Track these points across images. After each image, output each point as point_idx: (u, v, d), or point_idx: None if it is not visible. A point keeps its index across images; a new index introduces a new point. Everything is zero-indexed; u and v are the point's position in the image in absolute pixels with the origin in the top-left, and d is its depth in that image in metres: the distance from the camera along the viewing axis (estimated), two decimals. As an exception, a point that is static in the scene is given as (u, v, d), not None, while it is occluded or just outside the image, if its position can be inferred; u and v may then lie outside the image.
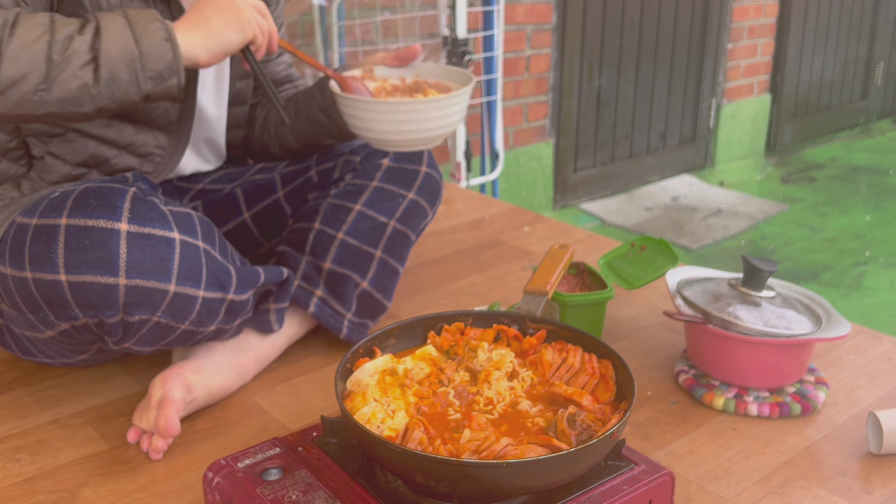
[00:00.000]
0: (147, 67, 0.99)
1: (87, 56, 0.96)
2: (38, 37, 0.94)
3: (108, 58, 0.97)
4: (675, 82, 3.78)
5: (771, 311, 1.14)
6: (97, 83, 0.97)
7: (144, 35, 0.98)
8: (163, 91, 1.01)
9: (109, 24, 0.97)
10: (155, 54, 0.99)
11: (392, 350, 1.02)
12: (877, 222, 3.35)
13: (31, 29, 0.94)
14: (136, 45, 0.97)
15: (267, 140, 1.41)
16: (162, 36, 0.99)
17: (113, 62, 0.97)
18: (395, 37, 2.63)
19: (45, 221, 0.98)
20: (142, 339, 1.05)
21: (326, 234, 1.29)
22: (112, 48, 0.96)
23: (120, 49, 0.97)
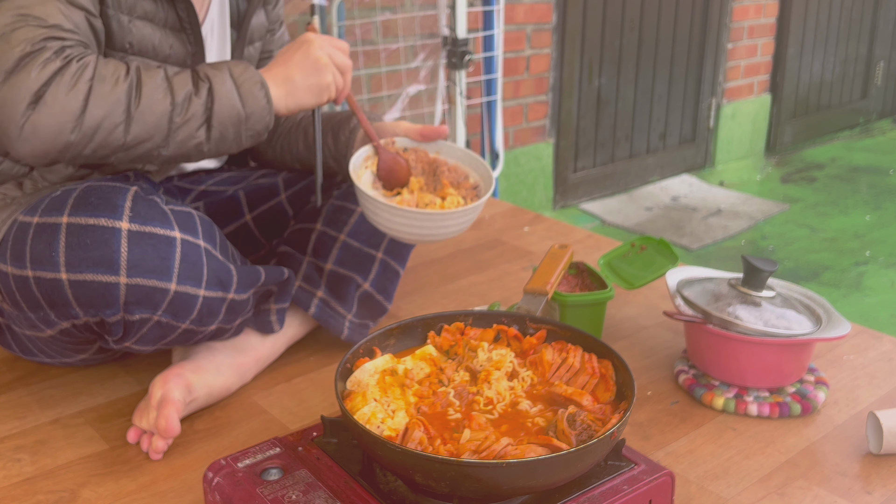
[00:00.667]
0: (250, 128, 1.08)
1: (202, 118, 1.04)
2: (162, 98, 1.01)
3: (220, 119, 1.05)
4: (675, 82, 3.78)
5: (771, 311, 1.14)
6: (209, 141, 1.06)
7: (250, 99, 1.06)
8: (254, 142, 1.11)
9: (220, 85, 1.04)
10: (258, 116, 1.07)
11: (392, 350, 1.02)
12: (877, 222, 3.35)
13: (155, 91, 1.01)
14: (242, 108, 1.06)
15: (271, 157, 1.44)
16: (264, 100, 1.07)
17: (224, 123, 1.05)
18: (395, 37, 2.63)
19: (47, 220, 0.98)
20: (142, 338, 1.05)
21: (328, 235, 1.29)
22: (223, 111, 1.05)
23: (230, 112, 1.05)
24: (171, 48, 1.14)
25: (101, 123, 0.97)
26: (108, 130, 0.98)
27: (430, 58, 2.69)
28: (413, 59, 2.68)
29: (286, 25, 1.46)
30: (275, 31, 1.37)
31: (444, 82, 2.53)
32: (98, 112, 0.97)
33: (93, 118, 0.97)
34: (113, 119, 0.98)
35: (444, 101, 2.57)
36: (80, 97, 0.96)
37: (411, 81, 2.66)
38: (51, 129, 0.95)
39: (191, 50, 1.16)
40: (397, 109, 2.62)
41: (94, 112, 0.97)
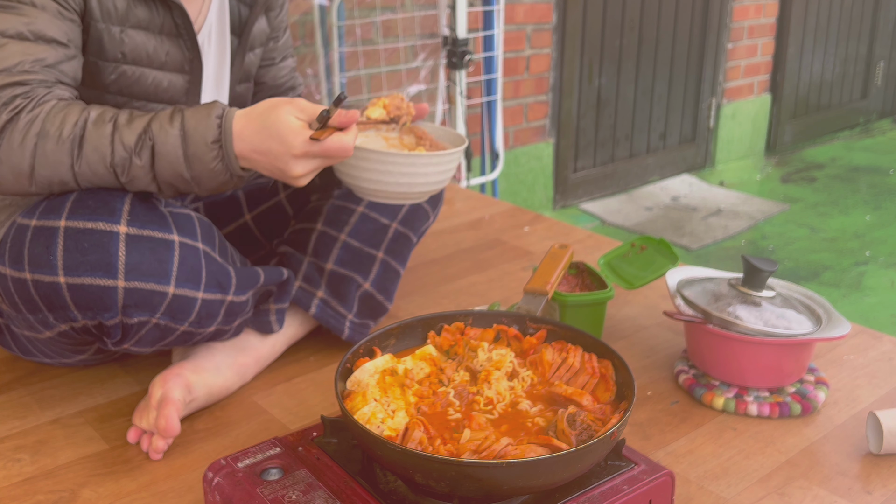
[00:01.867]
0: (201, 186, 1.03)
1: (147, 177, 1.01)
2: (101, 159, 0.98)
3: (164, 180, 1.01)
4: (675, 82, 3.78)
5: (771, 311, 1.14)
6: (162, 192, 1.04)
7: (195, 161, 1.00)
8: (224, 193, 1.08)
9: (163, 145, 0.99)
10: (206, 177, 1.02)
11: (392, 350, 1.02)
12: (877, 222, 3.35)
13: (95, 151, 0.98)
14: (187, 170, 1.00)
15: None
16: (214, 161, 1.00)
17: (169, 183, 1.02)
18: (395, 37, 2.63)
19: (45, 223, 0.98)
20: (141, 340, 1.05)
21: (328, 235, 1.29)
22: (166, 172, 1.00)
23: (172, 174, 1.01)
24: (168, 55, 1.13)
25: (52, 180, 0.99)
26: (61, 186, 1.00)
27: (430, 58, 2.69)
28: (413, 59, 2.68)
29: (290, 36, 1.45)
30: (278, 39, 1.35)
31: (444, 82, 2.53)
32: (45, 172, 0.98)
33: (42, 177, 0.98)
34: (60, 177, 0.99)
35: (444, 101, 2.57)
36: (27, 155, 0.97)
37: (411, 81, 2.66)
38: (11, 183, 0.98)
39: (188, 56, 1.16)
40: (397, 109, 2.61)
41: (41, 172, 0.98)
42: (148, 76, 1.13)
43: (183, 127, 1.00)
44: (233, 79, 1.28)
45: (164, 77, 1.14)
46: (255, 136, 1.00)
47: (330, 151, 1.01)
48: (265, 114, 1.01)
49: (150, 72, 1.13)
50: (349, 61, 2.51)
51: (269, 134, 0.99)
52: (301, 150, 1.00)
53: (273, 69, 1.38)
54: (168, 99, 1.15)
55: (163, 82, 1.14)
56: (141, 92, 1.13)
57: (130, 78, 1.11)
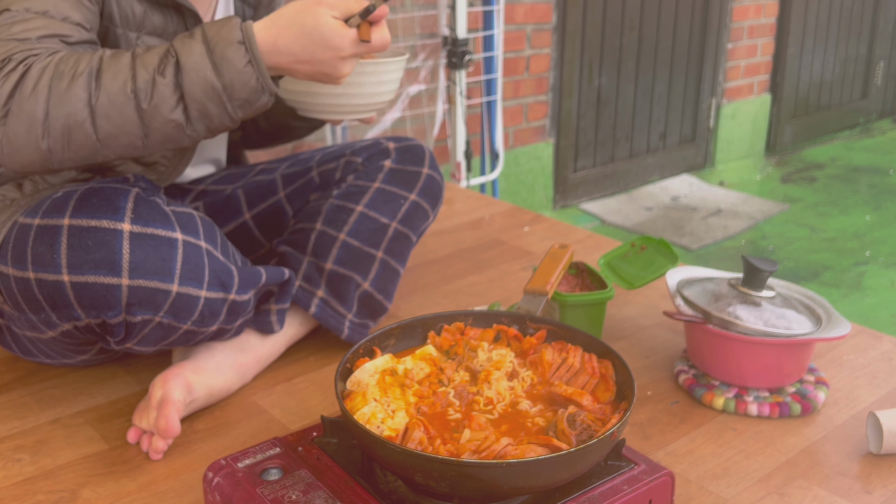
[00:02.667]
0: (234, 98, 0.97)
1: (173, 99, 0.95)
2: (122, 86, 0.93)
3: (194, 96, 0.95)
4: (675, 82, 3.78)
5: (771, 311, 1.14)
6: (189, 122, 0.97)
7: (224, 65, 0.95)
8: (256, 111, 1.00)
9: (189, 56, 0.94)
10: (238, 83, 0.96)
11: (392, 350, 1.02)
12: (877, 222, 3.35)
13: (115, 78, 0.93)
14: (217, 77, 0.95)
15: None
16: (242, 61, 0.95)
17: (199, 100, 0.95)
18: (395, 37, 2.63)
19: (48, 222, 0.98)
20: (144, 339, 1.05)
21: (328, 235, 1.29)
22: (195, 86, 0.95)
23: (202, 85, 0.95)
24: None
25: (67, 123, 0.93)
26: (76, 129, 0.93)
27: (430, 58, 2.69)
28: (413, 59, 2.68)
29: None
30: None
31: (444, 82, 2.53)
32: (59, 112, 0.92)
33: (56, 120, 0.92)
34: (76, 117, 0.92)
35: (444, 101, 2.57)
36: (42, 101, 0.92)
37: (411, 81, 2.66)
38: (24, 139, 0.93)
39: None
40: (398, 109, 2.62)
41: (55, 114, 0.92)
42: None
43: (205, 36, 0.95)
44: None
45: None
46: (294, 46, 0.97)
47: (376, 48, 0.99)
48: (297, 19, 0.96)
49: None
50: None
51: (311, 40, 0.96)
52: (350, 51, 0.97)
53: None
54: None
55: None
56: None
57: None
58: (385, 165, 1.34)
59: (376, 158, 1.35)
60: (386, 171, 1.33)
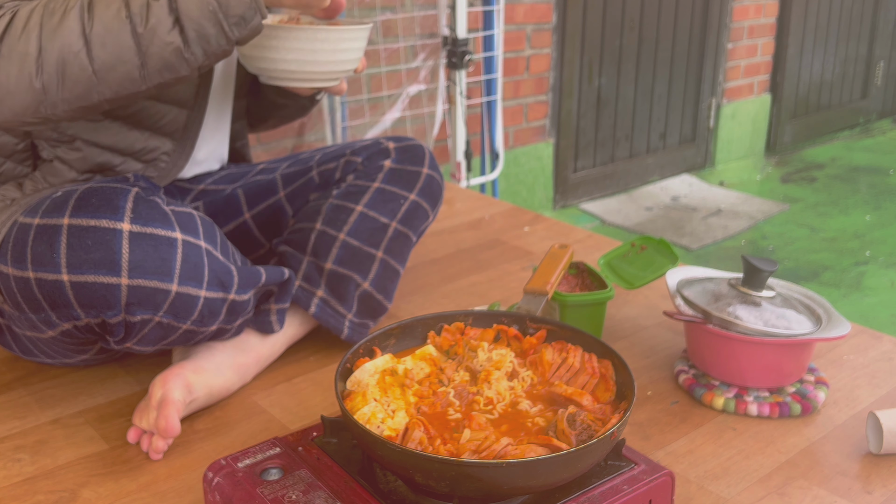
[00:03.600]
0: (229, 14, 0.95)
1: (169, 20, 0.93)
2: (116, 13, 0.92)
3: (190, 17, 0.93)
4: (675, 82, 3.78)
5: (771, 311, 1.14)
6: (188, 45, 0.95)
7: None
8: (251, 31, 0.98)
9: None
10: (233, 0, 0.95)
11: (392, 350, 1.02)
12: (877, 222, 3.35)
13: (109, 6, 0.92)
14: None
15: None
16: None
17: (195, 20, 0.94)
18: (395, 37, 2.63)
19: (48, 221, 0.98)
20: (143, 338, 1.05)
21: (328, 235, 1.29)
22: (190, 5, 0.93)
23: (197, 4, 0.93)
24: None
25: (61, 56, 0.91)
26: (71, 62, 0.92)
27: (430, 58, 2.69)
28: (413, 59, 2.68)
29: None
30: None
31: (444, 82, 2.53)
32: (52, 46, 0.91)
33: (50, 54, 0.91)
34: (71, 48, 0.91)
35: (444, 101, 2.57)
36: (33, 37, 0.91)
37: (411, 81, 2.66)
38: (17, 79, 0.92)
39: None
40: (398, 109, 2.62)
41: (48, 47, 0.91)
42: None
43: None
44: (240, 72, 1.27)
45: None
46: None
47: None
48: None
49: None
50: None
51: None
52: None
53: None
54: (176, 101, 1.16)
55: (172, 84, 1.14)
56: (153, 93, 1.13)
57: None
58: (385, 165, 1.34)
59: (376, 158, 1.35)
60: (386, 170, 1.33)
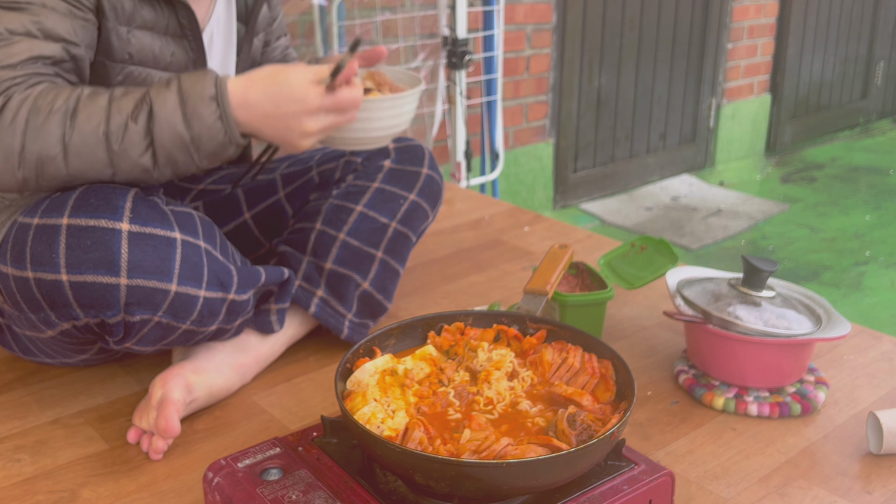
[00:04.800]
0: (201, 149, 1.01)
1: (143, 144, 0.98)
2: (95, 127, 0.97)
3: (163, 144, 0.99)
4: (675, 82, 3.78)
5: (771, 311, 1.14)
6: (157, 166, 1.01)
7: (195, 119, 0.98)
8: (222, 161, 1.04)
9: (162, 106, 0.98)
10: (206, 137, 1.00)
11: (392, 350, 1.02)
12: (877, 222, 3.35)
13: (90, 119, 0.97)
14: (186, 129, 0.99)
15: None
16: (213, 117, 0.99)
17: (167, 148, 0.99)
18: (395, 37, 2.63)
19: (47, 221, 0.98)
20: (143, 338, 1.05)
21: (328, 235, 1.29)
22: (164, 135, 0.98)
23: (171, 135, 0.98)
24: (173, 55, 1.14)
25: (40, 156, 0.96)
26: (48, 163, 0.97)
27: (430, 58, 2.69)
28: (413, 59, 2.68)
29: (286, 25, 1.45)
30: (275, 19, 1.37)
31: (444, 82, 2.53)
32: (34, 147, 0.96)
33: (31, 153, 0.96)
34: (49, 152, 0.96)
35: (444, 101, 2.57)
36: (18, 133, 0.95)
37: (411, 81, 2.66)
38: (2, 168, 0.97)
39: (192, 56, 1.16)
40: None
41: (30, 147, 0.96)
42: (154, 77, 1.13)
43: (180, 88, 0.99)
44: (240, 67, 1.27)
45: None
46: (263, 98, 1.00)
47: (342, 103, 1.02)
48: (271, 77, 1.00)
49: (156, 73, 1.13)
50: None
51: (279, 92, 0.99)
52: (316, 103, 1.00)
53: (268, 50, 1.38)
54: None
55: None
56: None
57: (137, 79, 1.12)
58: (384, 165, 1.34)
59: (376, 158, 1.35)
60: (385, 170, 1.33)
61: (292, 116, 1.00)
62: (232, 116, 1.00)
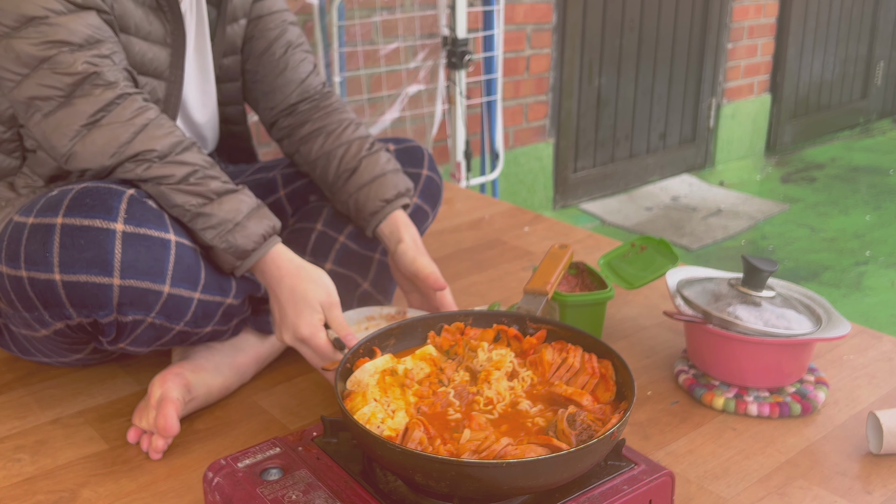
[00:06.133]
0: (209, 260, 1.09)
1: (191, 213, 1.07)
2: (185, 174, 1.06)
3: (196, 224, 1.07)
4: (675, 82, 3.78)
5: (771, 311, 1.14)
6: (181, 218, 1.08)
7: (224, 239, 1.07)
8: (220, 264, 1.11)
9: (228, 211, 1.07)
10: (221, 259, 1.09)
11: (392, 350, 1.02)
12: (877, 222, 3.35)
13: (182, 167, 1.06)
14: (232, 235, 1.07)
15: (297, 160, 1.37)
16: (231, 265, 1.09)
17: (194, 226, 1.07)
18: (395, 37, 2.63)
19: (42, 220, 0.98)
20: (136, 339, 1.05)
21: (328, 236, 1.28)
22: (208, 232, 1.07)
23: (210, 236, 1.06)
24: (152, 25, 1.14)
25: (137, 152, 1.04)
26: (135, 159, 1.05)
27: (430, 58, 2.69)
28: (413, 59, 2.68)
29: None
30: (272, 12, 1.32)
31: (444, 82, 2.53)
32: (139, 146, 1.04)
33: (133, 148, 1.04)
34: (147, 154, 1.05)
35: (444, 101, 2.57)
36: (133, 130, 1.04)
37: (411, 81, 2.66)
38: (96, 149, 1.03)
39: (169, 28, 1.15)
40: (397, 109, 2.62)
41: (135, 144, 1.04)
42: (135, 45, 1.12)
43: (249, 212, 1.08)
44: (216, 51, 1.25)
45: (148, 48, 1.14)
46: (280, 289, 1.07)
47: (314, 363, 1.09)
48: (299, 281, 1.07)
49: (136, 41, 1.12)
50: (349, 61, 2.51)
51: (291, 299, 1.07)
52: (301, 336, 1.06)
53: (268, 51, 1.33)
54: (152, 72, 1.15)
55: (147, 53, 1.14)
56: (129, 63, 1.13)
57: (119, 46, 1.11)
58: (385, 166, 1.33)
59: (376, 159, 1.35)
60: (386, 171, 1.33)
61: (283, 319, 1.08)
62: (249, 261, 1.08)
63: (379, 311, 1.23)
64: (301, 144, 1.32)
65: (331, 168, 1.28)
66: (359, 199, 1.25)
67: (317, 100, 1.34)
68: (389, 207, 1.25)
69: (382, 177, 1.26)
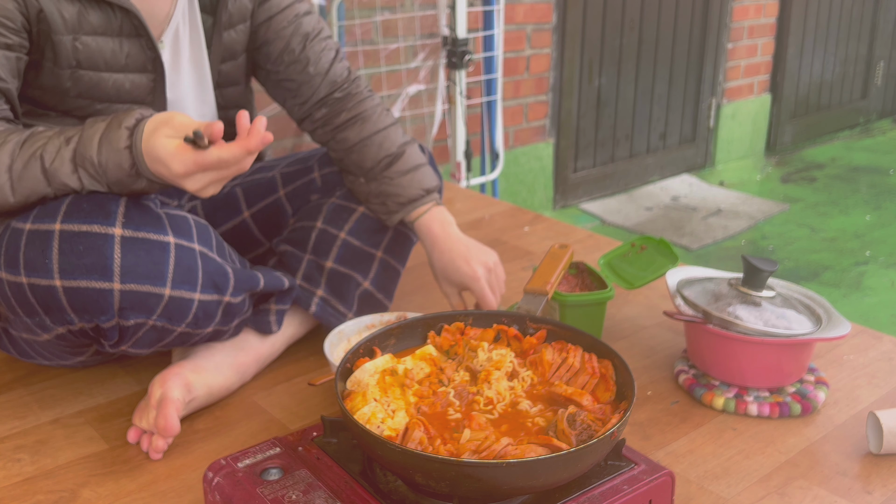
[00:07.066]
0: (108, 174, 1.00)
1: (70, 166, 1.00)
2: (35, 151, 1.00)
3: (83, 166, 1.00)
4: (675, 82, 3.78)
5: (771, 311, 1.14)
6: (82, 187, 1.01)
7: (104, 144, 0.98)
8: (136, 192, 1.03)
9: (88, 130, 1.00)
10: (113, 164, 0.98)
11: (392, 350, 1.02)
12: (877, 222, 3.35)
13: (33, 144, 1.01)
14: (97, 154, 0.99)
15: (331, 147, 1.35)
16: (122, 144, 0.97)
17: (87, 171, 1.00)
18: (395, 37, 2.63)
19: (40, 227, 0.98)
20: (138, 341, 1.05)
21: (328, 234, 1.29)
22: (84, 159, 1.00)
23: (89, 159, 0.99)
24: (129, 57, 1.13)
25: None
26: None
27: (430, 58, 2.69)
28: (413, 59, 2.68)
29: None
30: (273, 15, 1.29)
31: (444, 82, 2.53)
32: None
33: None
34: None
35: (444, 101, 2.57)
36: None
37: (411, 81, 2.66)
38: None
39: (150, 55, 1.14)
40: (397, 109, 2.62)
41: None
42: (107, 80, 1.12)
43: (111, 118, 1.00)
44: (213, 59, 1.25)
45: (125, 79, 1.13)
46: (147, 158, 0.98)
47: (209, 165, 0.95)
48: (148, 139, 0.97)
49: (108, 76, 1.12)
50: (349, 61, 2.51)
51: (153, 158, 0.97)
52: (182, 170, 0.96)
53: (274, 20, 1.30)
54: (132, 99, 1.15)
55: (125, 84, 1.14)
56: (102, 95, 1.13)
57: (88, 83, 1.11)
58: (385, 166, 1.34)
59: (376, 159, 1.35)
60: (386, 171, 1.33)
61: (169, 179, 0.98)
62: (142, 150, 0.97)
63: (379, 318, 1.23)
64: (337, 132, 1.33)
65: (369, 154, 1.30)
66: (402, 183, 1.29)
67: (346, 88, 1.34)
68: (429, 197, 1.30)
69: (423, 167, 1.32)
